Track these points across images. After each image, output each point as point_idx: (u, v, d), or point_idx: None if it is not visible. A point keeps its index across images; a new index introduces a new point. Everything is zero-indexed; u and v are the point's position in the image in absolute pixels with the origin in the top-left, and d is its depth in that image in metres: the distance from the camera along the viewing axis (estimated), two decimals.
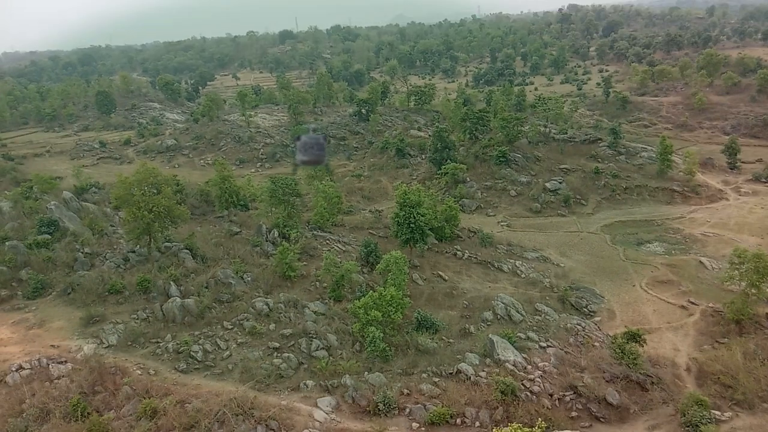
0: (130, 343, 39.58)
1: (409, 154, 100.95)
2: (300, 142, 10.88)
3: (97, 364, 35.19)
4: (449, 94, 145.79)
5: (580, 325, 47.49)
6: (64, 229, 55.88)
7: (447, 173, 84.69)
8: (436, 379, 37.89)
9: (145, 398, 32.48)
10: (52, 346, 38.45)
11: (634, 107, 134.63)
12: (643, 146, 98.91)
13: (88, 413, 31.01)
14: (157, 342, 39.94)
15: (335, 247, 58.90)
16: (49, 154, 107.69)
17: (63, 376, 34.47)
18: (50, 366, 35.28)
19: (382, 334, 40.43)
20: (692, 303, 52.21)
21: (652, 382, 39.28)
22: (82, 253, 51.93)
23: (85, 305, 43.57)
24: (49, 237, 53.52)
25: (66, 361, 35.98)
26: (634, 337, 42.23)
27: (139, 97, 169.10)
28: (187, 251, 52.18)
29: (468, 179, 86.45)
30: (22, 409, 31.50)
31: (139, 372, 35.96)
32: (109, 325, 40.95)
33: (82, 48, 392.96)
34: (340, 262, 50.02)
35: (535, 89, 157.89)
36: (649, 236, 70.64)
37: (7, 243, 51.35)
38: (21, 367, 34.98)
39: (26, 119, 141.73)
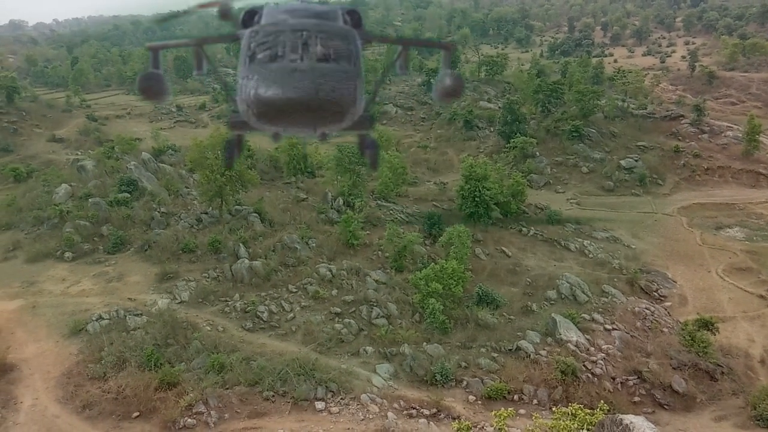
0: (200, 300, 41.37)
1: (477, 126, 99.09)
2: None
3: (170, 318, 37.08)
4: (522, 65, 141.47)
5: (648, 309, 45.91)
6: (142, 188, 58.51)
7: (516, 147, 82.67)
8: (495, 355, 37.77)
9: (213, 353, 34.04)
10: (129, 299, 40.74)
11: (722, 83, 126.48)
12: (729, 125, 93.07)
13: (160, 364, 32.76)
14: (226, 301, 41.55)
15: (398, 218, 59.10)
16: (130, 116, 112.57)
17: (138, 328, 36.51)
18: (127, 318, 37.43)
19: (442, 307, 40.50)
20: None
21: (723, 372, 37.76)
22: (158, 212, 54.35)
23: (160, 262, 45.71)
24: (129, 195, 56.17)
25: (142, 314, 38.07)
26: (706, 324, 40.58)
27: (214, 63, 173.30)
28: (256, 215, 53.70)
29: (538, 154, 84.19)
30: (101, 356, 33.56)
31: (209, 328, 37.62)
32: (181, 282, 42.90)
33: (162, 13, 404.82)
34: (403, 233, 50.19)
35: (615, 61, 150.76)
36: (729, 221, 66.97)
37: (90, 200, 54.36)
38: (101, 317, 37.24)
39: (109, 82, 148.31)
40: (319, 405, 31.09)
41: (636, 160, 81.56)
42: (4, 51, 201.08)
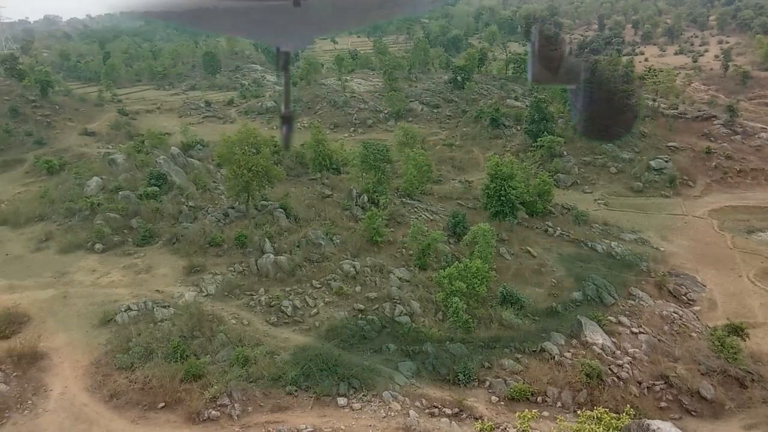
0: (226, 293, 41.84)
1: (504, 125, 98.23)
2: None
3: (197, 311, 37.63)
4: None
5: (677, 313, 45.07)
6: (171, 182, 59.31)
7: (543, 146, 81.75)
8: (519, 356, 37.48)
9: (238, 346, 34.43)
10: (157, 290, 41.38)
11: (756, 83, 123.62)
12: (763, 126, 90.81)
13: (186, 356, 33.28)
14: (251, 295, 41.96)
15: (423, 216, 58.96)
16: (159, 111, 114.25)
17: (166, 320, 37.12)
18: (155, 309, 38.06)
19: (465, 306, 40.34)
20: None
21: (753, 380, 36.90)
22: (186, 206, 55.10)
23: (188, 255, 46.35)
24: (158, 189, 57.00)
25: (169, 306, 38.68)
26: (737, 330, 39.74)
27: (242, 59, 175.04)
28: (282, 210, 54.08)
29: (565, 153, 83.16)
30: (129, 346, 34.21)
31: (234, 321, 38.05)
32: (208, 275, 43.45)
33: (192, 10, 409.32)
34: (427, 231, 50.05)
35: (645, 60, 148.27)
36: (762, 224, 65.42)
37: (120, 192, 55.35)
38: (129, 308, 37.95)
39: (140, 77, 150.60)
40: (342, 401, 31.22)
41: (666, 161, 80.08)
42: (39, 46, 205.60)
